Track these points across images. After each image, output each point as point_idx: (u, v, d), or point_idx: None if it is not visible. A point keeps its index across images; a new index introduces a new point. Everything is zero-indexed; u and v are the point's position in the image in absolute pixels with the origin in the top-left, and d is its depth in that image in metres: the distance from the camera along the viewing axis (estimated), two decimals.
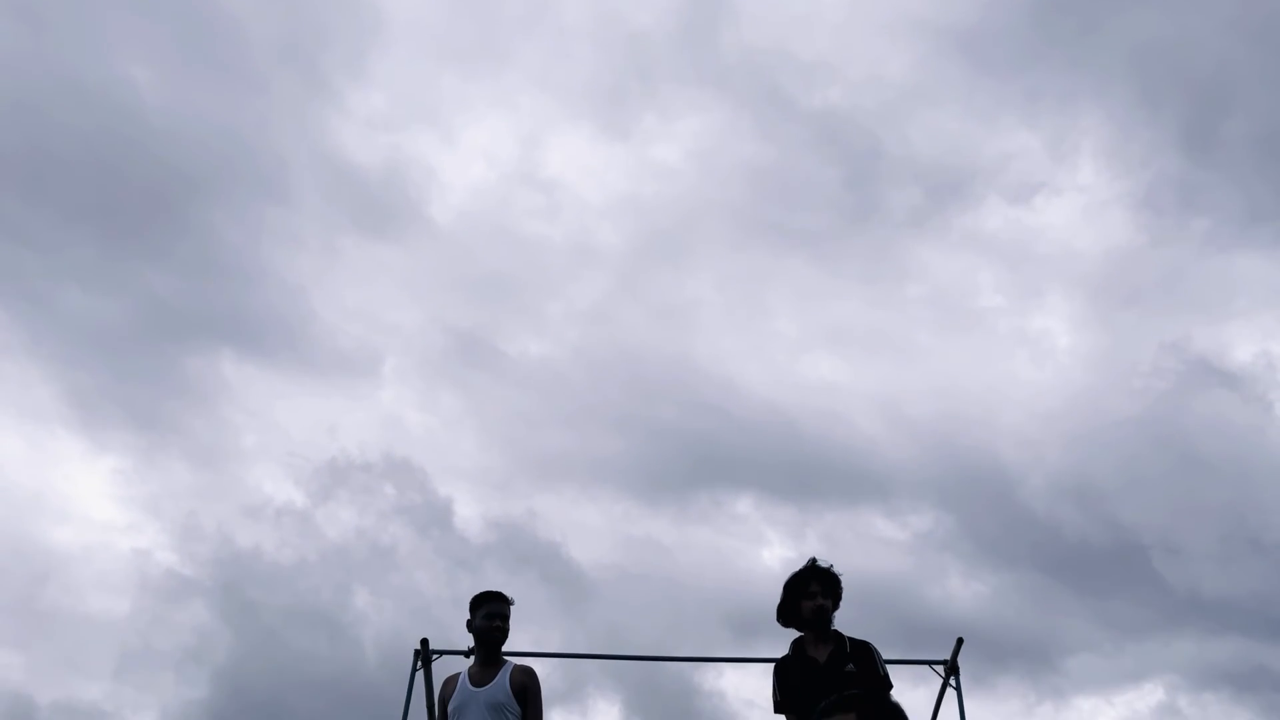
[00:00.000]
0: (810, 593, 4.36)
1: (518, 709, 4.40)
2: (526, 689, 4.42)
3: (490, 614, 4.49)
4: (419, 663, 5.58)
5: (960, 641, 5.93)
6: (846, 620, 4.46)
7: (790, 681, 4.30)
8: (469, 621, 4.53)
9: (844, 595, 4.46)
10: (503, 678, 4.40)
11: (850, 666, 4.20)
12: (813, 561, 4.44)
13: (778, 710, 4.40)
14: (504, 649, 4.59)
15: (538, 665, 4.65)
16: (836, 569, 4.44)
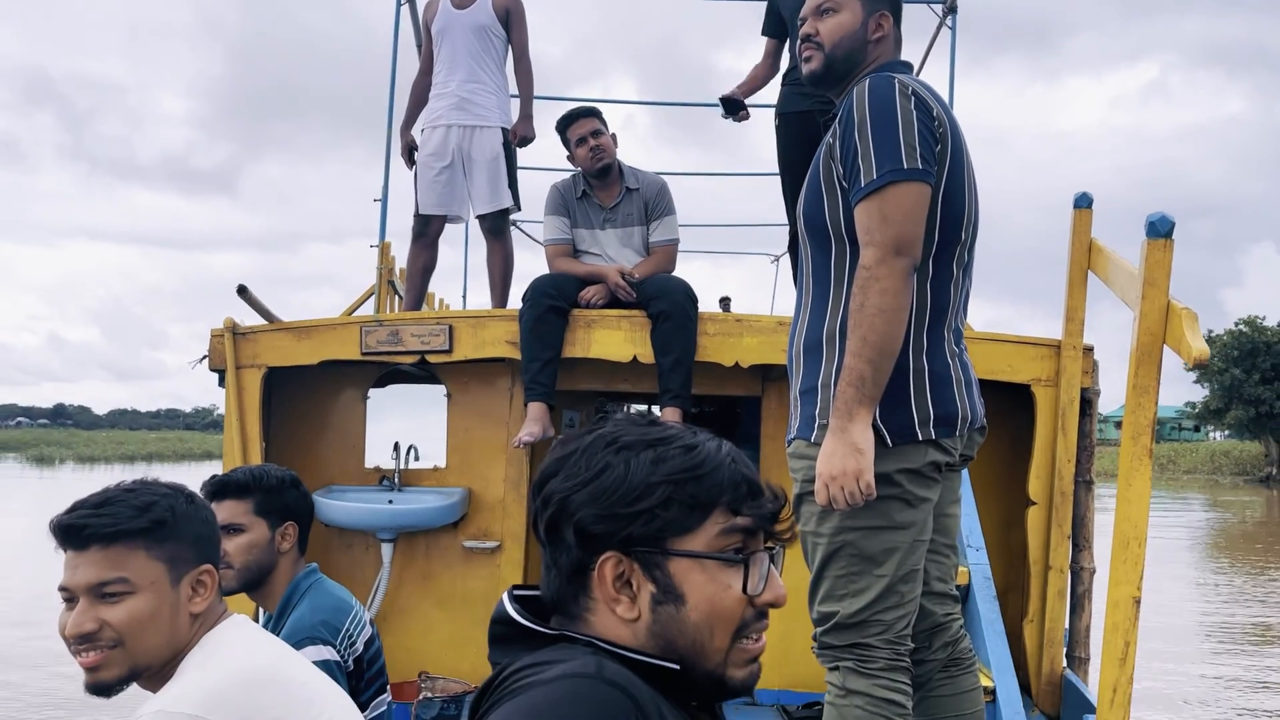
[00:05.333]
0: None
1: (503, 33, 4.33)
2: (510, 11, 4.30)
3: None
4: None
5: None
6: None
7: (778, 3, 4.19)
8: None
9: None
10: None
11: None
12: None
13: (764, 33, 4.36)
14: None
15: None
16: None
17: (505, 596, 1.01)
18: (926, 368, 1.87)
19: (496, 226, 4.34)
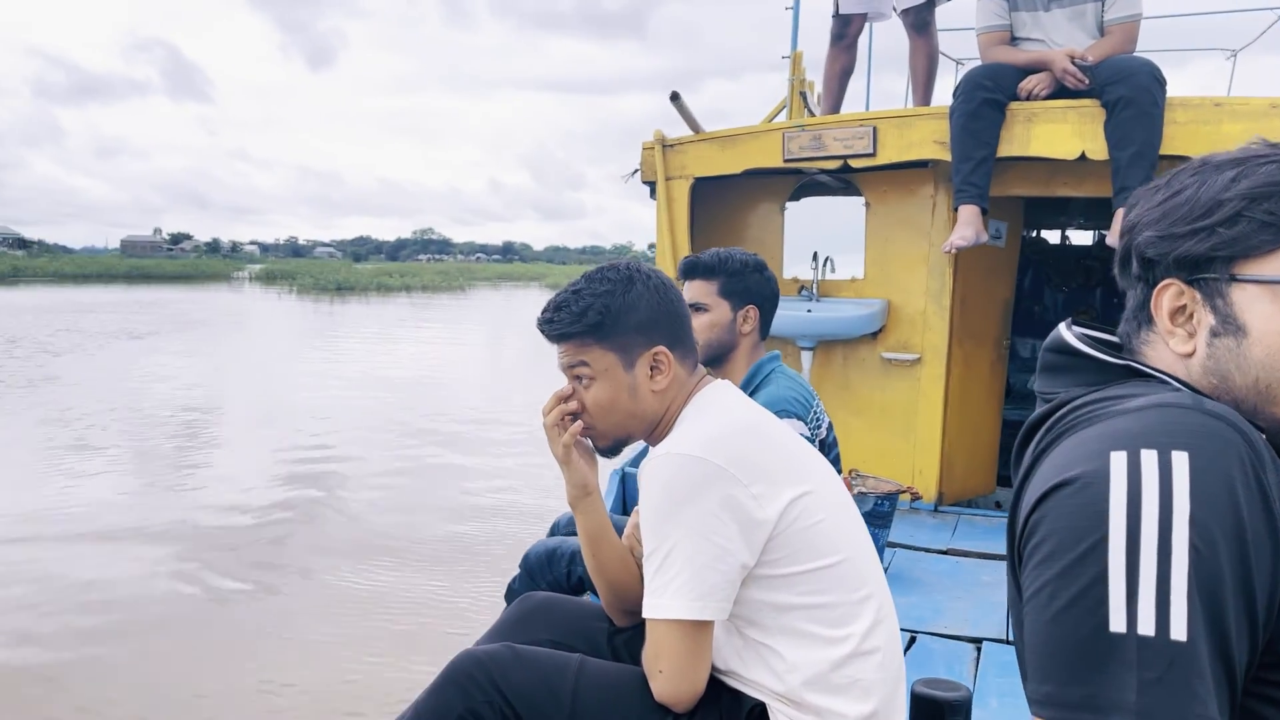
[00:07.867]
0: None
1: None
2: None
3: None
4: None
5: None
6: None
7: None
8: None
9: None
10: None
11: None
12: None
13: None
14: None
15: None
16: None
17: (1062, 326, 0.94)
18: None
19: (921, 20, 4.02)
